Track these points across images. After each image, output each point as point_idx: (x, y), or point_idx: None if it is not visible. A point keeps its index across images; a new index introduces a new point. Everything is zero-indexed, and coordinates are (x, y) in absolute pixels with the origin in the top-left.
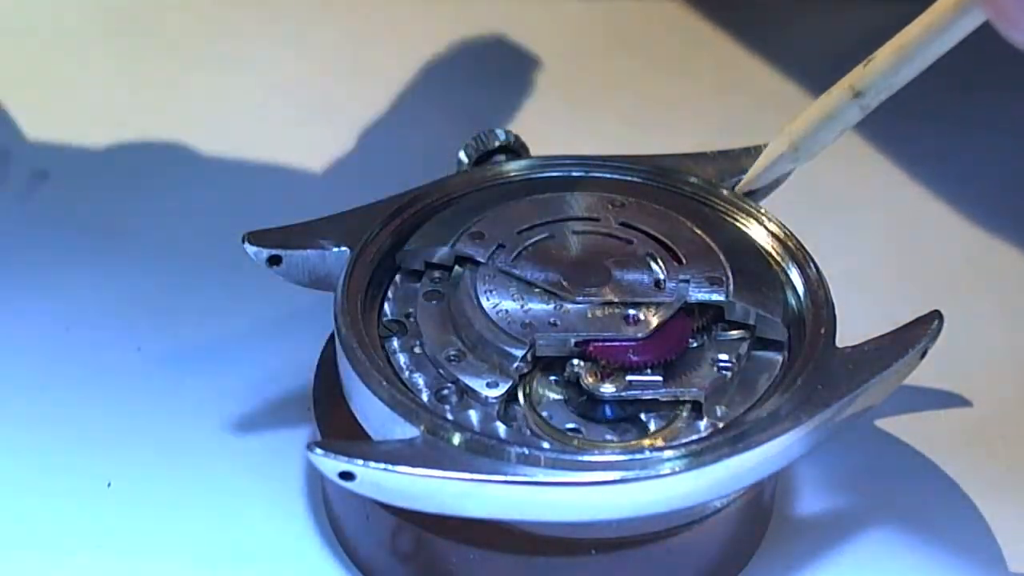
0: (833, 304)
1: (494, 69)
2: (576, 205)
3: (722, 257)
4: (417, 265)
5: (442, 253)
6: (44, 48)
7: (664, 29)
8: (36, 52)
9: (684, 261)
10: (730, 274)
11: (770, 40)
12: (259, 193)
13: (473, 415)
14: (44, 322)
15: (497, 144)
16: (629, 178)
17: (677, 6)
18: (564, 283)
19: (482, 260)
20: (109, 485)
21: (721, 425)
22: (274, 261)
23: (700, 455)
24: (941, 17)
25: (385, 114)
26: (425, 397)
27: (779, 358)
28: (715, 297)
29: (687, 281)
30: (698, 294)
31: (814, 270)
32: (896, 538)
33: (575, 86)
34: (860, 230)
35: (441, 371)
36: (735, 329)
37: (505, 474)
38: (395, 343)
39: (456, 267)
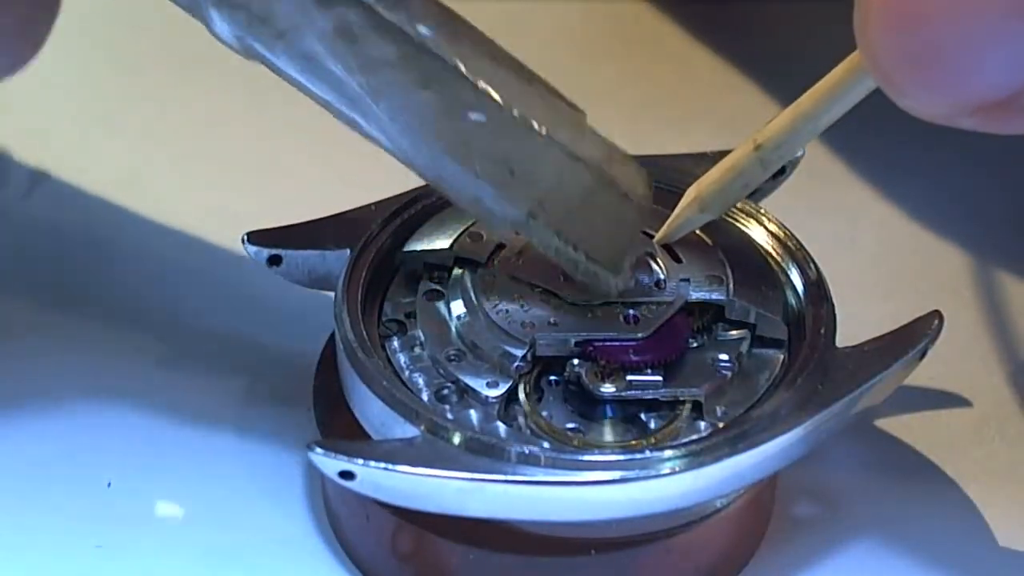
0: (833, 304)
1: None
2: None
3: (722, 256)
4: (416, 265)
5: (442, 253)
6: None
7: (664, 29)
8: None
9: (683, 261)
10: (730, 273)
11: (770, 40)
12: (259, 193)
13: (473, 415)
14: (41, 321)
15: None
16: None
17: (678, 7)
18: (564, 283)
19: (481, 261)
20: (109, 485)
21: (721, 425)
22: (274, 261)
23: (700, 455)
24: (837, 83)
25: None
26: (425, 397)
27: (780, 357)
28: (715, 296)
29: (687, 280)
30: (698, 293)
31: (814, 270)
32: (896, 538)
33: (575, 86)
34: (860, 230)
35: (441, 371)
36: (735, 329)
37: (505, 474)
38: (395, 343)
39: (456, 268)
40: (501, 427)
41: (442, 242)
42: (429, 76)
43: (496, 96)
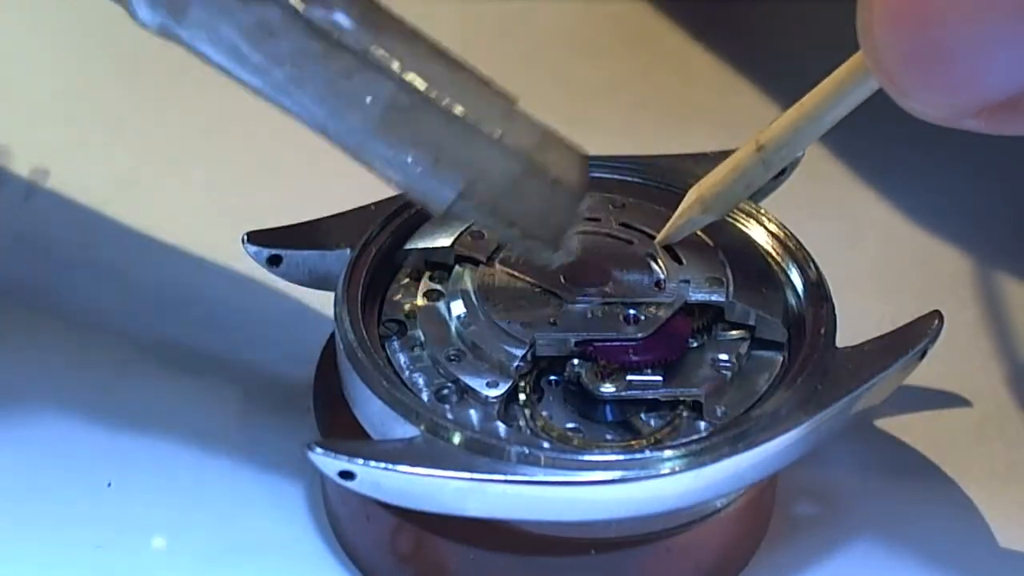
0: (833, 304)
1: (493, 69)
2: None
3: (722, 258)
4: (417, 264)
5: (442, 253)
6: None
7: (663, 29)
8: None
9: (684, 261)
10: (730, 274)
11: (770, 40)
12: (259, 193)
13: (473, 415)
14: (43, 321)
15: None
16: (630, 178)
17: (678, 7)
18: (564, 283)
19: (482, 260)
20: (109, 485)
21: (721, 425)
22: (274, 261)
23: (700, 455)
24: (839, 84)
25: None
26: (425, 397)
27: (779, 358)
28: (715, 298)
29: (687, 282)
30: (698, 295)
31: (814, 270)
32: (896, 538)
33: (574, 86)
34: (860, 230)
35: (441, 371)
36: (735, 329)
37: (505, 474)
38: (395, 343)
39: (456, 267)
40: (501, 427)
41: (443, 240)
42: (351, 67)
43: (419, 85)
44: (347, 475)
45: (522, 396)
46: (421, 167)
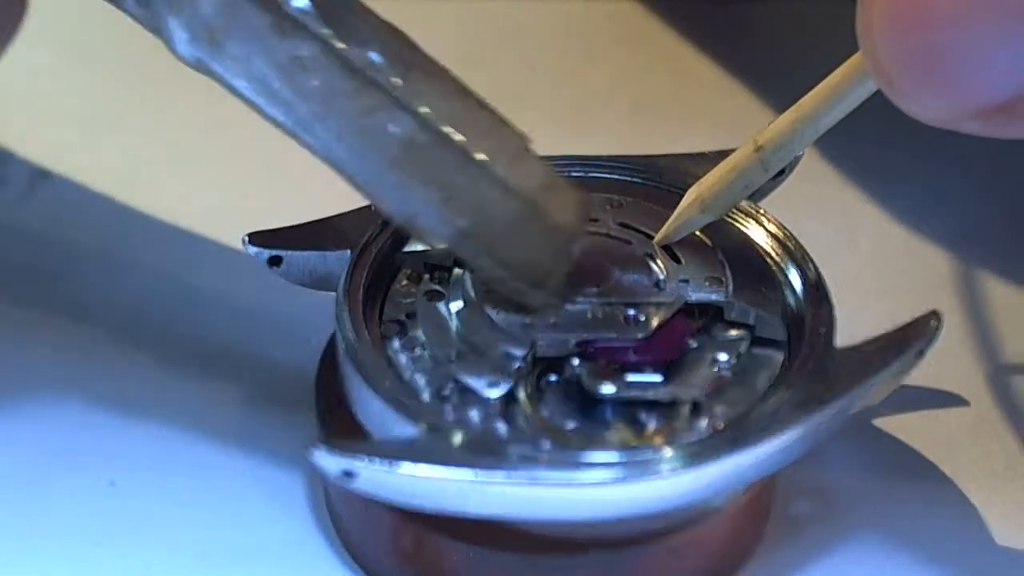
0: (833, 304)
1: (492, 70)
2: None
3: (722, 257)
4: (417, 266)
5: (442, 253)
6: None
7: (662, 30)
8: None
9: (682, 261)
10: (729, 274)
11: (767, 42)
12: (259, 193)
13: (473, 415)
14: (43, 321)
15: None
16: (628, 178)
17: (675, 8)
18: (564, 283)
19: None
20: (111, 484)
21: (721, 425)
22: (275, 262)
23: (700, 455)
24: (838, 85)
25: None
26: (425, 397)
27: (779, 357)
28: (715, 297)
29: (686, 281)
30: (697, 295)
31: (814, 270)
32: (896, 538)
33: (573, 86)
34: (859, 231)
35: (442, 371)
36: (735, 329)
37: (505, 474)
38: (396, 343)
39: (456, 268)
40: (501, 427)
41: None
42: (376, 106)
43: (439, 127)
44: (348, 475)
45: (522, 396)
46: (429, 204)
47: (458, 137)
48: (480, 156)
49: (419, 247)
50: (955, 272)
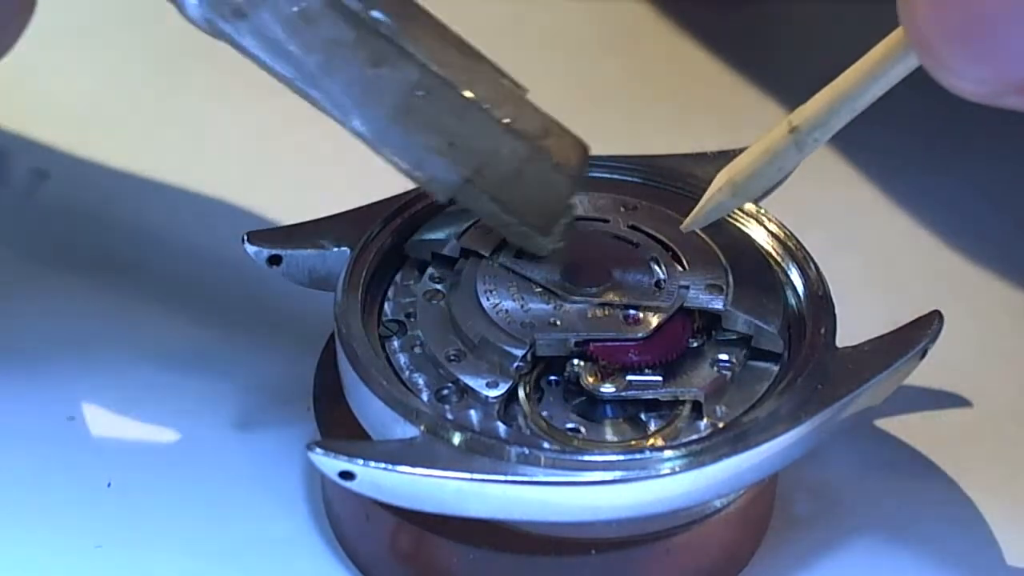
0: (833, 304)
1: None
2: (584, 206)
3: (723, 261)
4: (424, 255)
5: (450, 245)
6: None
7: (663, 29)
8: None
9: (686, 266)
10: (730, 282)
11: (770, 40)
12: (259, 193)
13: (473, 415)
14: (44, 321)
15: None
16: (629, 178)
17: (678, 7)
18: (565, 282)
19: (486, 254)
20: (109, 485)
21: (721, 425)
22: (274, 261)
23: (700, 455)
24: (876, 62)
25: None
26: (425, 397)
27: (774, 370)
28: (714, 305)
29: (687, 287)
30: (697, 301)
31: (814, 270)
32: (896, 538)
33: (574, 85)
34: (860, 230)
35: (441, 371)
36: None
37: (505, 474)
38: (395, 343)
39: (456, 265)
40: (501, 427)
41: (451, 233)
42: (380, 56)
43: (441, 74)
44: (347, 475)
45: (522, 396)
46: (435, 150)
47: (461, 84)
48: (482, 102)
49: (424, 235)
50: (956, 272)
